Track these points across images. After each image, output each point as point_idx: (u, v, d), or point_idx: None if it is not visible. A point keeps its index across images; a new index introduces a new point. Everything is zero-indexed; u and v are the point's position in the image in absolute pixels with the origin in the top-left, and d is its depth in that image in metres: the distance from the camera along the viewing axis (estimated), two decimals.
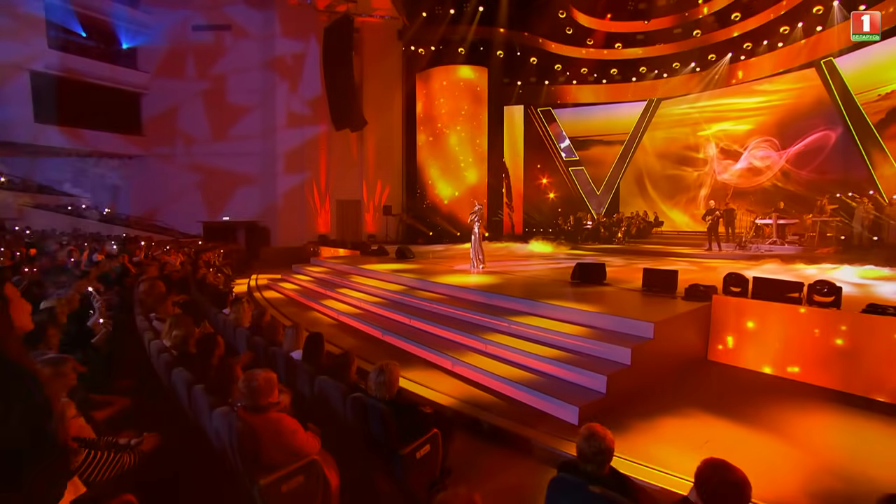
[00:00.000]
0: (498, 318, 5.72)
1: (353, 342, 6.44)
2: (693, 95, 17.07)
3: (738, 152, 16.16)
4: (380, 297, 7.95)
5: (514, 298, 6.10)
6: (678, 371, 5.00)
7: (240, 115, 18.47)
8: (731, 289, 5.50)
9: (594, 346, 4.66)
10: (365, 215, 19.19)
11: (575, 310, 5.36)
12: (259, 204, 18.90)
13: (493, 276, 8.10)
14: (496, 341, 5.27)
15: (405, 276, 8.44)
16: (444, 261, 10.91)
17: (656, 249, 13.43)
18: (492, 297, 6.43)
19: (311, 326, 7.35)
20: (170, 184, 18.31)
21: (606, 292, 6.47)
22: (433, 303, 6.83)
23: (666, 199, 18.23)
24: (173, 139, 18.33)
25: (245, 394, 2.23)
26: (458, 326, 5.88)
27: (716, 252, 12.06)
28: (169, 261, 10.54)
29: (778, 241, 12.55)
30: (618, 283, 7.03)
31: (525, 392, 4.32)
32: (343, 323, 7.55)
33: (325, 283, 9.88)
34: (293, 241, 17.93)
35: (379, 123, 18.59)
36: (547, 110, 20.28)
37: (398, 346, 6.12)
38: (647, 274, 6.38)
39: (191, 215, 18.52)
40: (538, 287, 7.10)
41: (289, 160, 18.22)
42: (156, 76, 18.00)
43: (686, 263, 10.38)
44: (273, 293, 10.58)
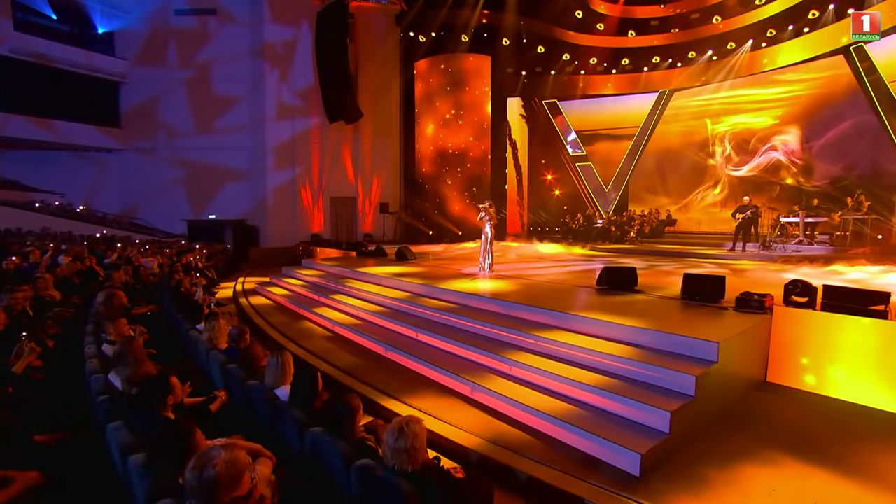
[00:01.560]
0: (522, 334, 4.98)
1: (351, 360, 5.68)
2: (710, 86, 16.42)
3: (757, 146, 15.54)
4: (380, 306, 7.19)
5: (539, 309, 5.36)
6: (741, 399, 4.29)
7: (226, 106, 17.64)
8: (794, 299, 4.79)
9: (645, 370, 3.92)
10: (360, 213, 18.43)
11: (614, 324, 4.63)
12: (247, 201, 18.13)
13: (507, 282, 7.36)
14: (522, 362, 4.53)
15: (408, 280, 7.69)
16: (448, 262, 10.17)
17: (674, 250, 12.78)
18: (511, 307, 5.69)
19: (303, 339, 6.60)
20: (151, 180, 17.45)
21: (641, 302, 5.75)
22: (443, 313, 6.07)
23: (679, 196, 17.60)
24: (154, 132, 17.46)
25: (195, 489, 1.45)
26: (475, 343, 5.13)
27: (739, 253, 11.41)
28: (145, 263, 9.74)
29: (805, 241, 11.93)
30: (650, 290, 6.31)
31: (567, 430, 3.58)
32: (339, 335, 6.78)
33: (319, 288, 9.10)
34: (284, 240, 17.18)
35: (375, 115, 17.84)
36: (553, 102, 19.61)
37: (404, 364, 5.36)
38: (689, 280, 5.66)
39: (174, 213, 17.70)
40: (562, 295, 6.37)
41: (279, 155, 17.44)
42: (135, 64, 17.09)
43: (712, 265, 9.71)
44: (260, 299, 9.79)
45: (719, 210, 16.90)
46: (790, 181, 14.79)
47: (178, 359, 3.97)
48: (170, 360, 3.96)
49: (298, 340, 6.52)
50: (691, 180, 17.25)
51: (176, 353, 4.15)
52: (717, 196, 16.81)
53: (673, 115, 17.70)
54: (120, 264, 9.04)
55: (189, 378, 3.02)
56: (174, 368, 3.71)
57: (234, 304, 9.60)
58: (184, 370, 3.30)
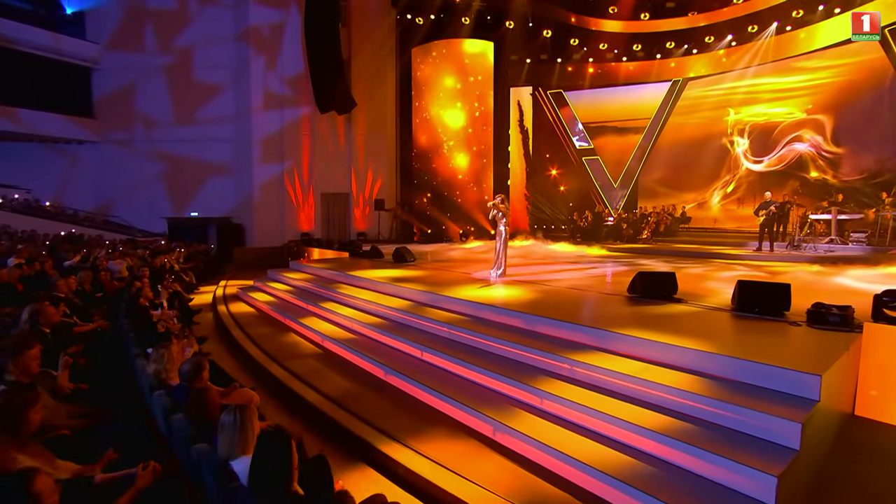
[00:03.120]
0: (552, 356, 4.15)
1: (343, 385, 4.83)
2: (729, 74, 15.67)
3: (779, 139, 14.81)
4: (377, 317, 6.34)
5: (570, 325, 4.53)
6: (835, 438, 3.48)
7: (209, 95, 16.72)
8: (889, 313, 3.98)
9: (721, 409, 3.10)
10: (354, 210, 17.58)
11: (668, 346, 3.80)
12: (232, 198, 17.26)
13: (523, 288, 6.53)
14: (556, 393, 3.70)
15: (409, 286, 6.84)
16: (452, 265, 9.32)
17: (693, 249, 12.05)
18: (535, 321, 4.85)
19: (287, 358, 5.73)
20: (128, 174, 16.50)
21: (687, 314, 4.93)
22: (452, 328, 5.23)
23: (693, 192, 16.86)
24: (131, 122, 16.50)
25: None
26: (495, 367, 4.29)
27: (768, 253, 10.66)
28: (111, 266, 8.82)
29: (837, 240, 11.21)
30: (692, 299, 5.50)
31: (625, 493, 2.75)
32: (329, 352, 5.93)
33: (307, 294, 8.24)
34: (272, 240, 16.36)
35: (370, 105, 16.97)
36: (558, 93, 18.82)
37: (408, 392, 4.52)
38: (745, 288, 4.85)
39: (153, 211, 16.77)
40: (591, 305, 5.54)
41: (266, 148, 16.59)
42: (108, 48, 16.07)
43: (743, 267, 8.93)
44: (242, 306, 8.91)
45: (737, 207, 16.22)
46: (815, 175, 14.07)
47: (118, 398, 3.11)
48: (105, 398, 3.09)
49: (281, 359, 5.66)
50: (707, 175, 16.52)
51: (117, 388, 3.28)
52: (734, 192, 16.10)
53: (687, 105, 16.97)
54: (82, 267, 8.12)
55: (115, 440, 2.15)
56: (106, 412, 2.85)
57: (213, 312, 8.71)
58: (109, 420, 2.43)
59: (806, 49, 13.95)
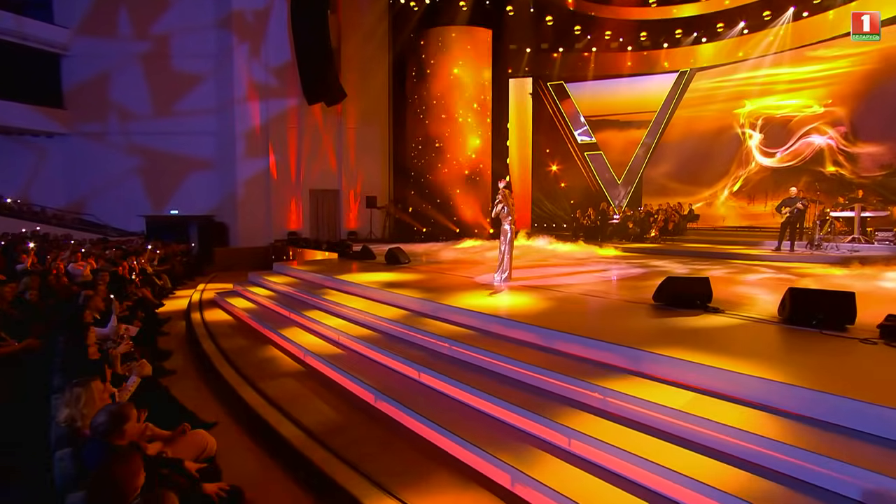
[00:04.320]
0: (578, 382, 3.47)
1: (326, 414, 4.12)
2: (741, 64, 15.10)
3: (792, 132, 14.27)
4: (367, 328, 5.64)
5: (596, 342, 3.85)
6: None
7: (189, 85, 15.92)
8: None
9: (807, 461, 2.43)
10: (345, 208, 16.85)
11: (722, 372, 3.13)
12: (215, 195, 16.50)
13: (533, 295, 5.85)
14: (587, 432, 3.02)
15: (403, 293, 6.15)
16: (450, 267, 8.64)
17: (706, 249, 11.46)
18: (554, 336, 4.17)
19: (262, 378, 4.96)
20: (102, 169, 15.65)
21: (732, 328, 4.28)
22: (454, 343, 4.54)
23: (701, 188, 16.31)
24: (105, 114, 15.64)
25: None
26: (508, 394, 3.60)
27: (788, 253, 10.08)
28: (72, 269, 8.04)
29: (861, 239, 10.65)
30: (730, 309, 4.85)
31: None
32: (312, 370, 5.22)
33: (290, 301, 7.52)
34: (257, 239, 15.62)
35: (361, 97, 16.27)
36: (559, 85, 18.19)
37: (404, 423, 3.82)
38: (798, 297, 4.19)
39: (130, 208, 15.94)
40: (614, 315, 4.88)
41: (250, 141, 15.83)
42: (78, 33, 15.16)
43: (769, 270, 8.31)
44: (219, 313, 8.16)
45: (747, 204, 15.70)
46: (831, 170, 13.53)
47: (21, 452, 2.39)
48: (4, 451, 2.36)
49: (256, 379, 4.94)
50: (717, 171, 15.98)
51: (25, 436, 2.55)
52: (742, 188, 15.57)
53: (695, 98, 16.41)
54: (36, 271, 7.33)
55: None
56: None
57: (186, 320, 7.95)
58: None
59: (822, 37, 13.38)
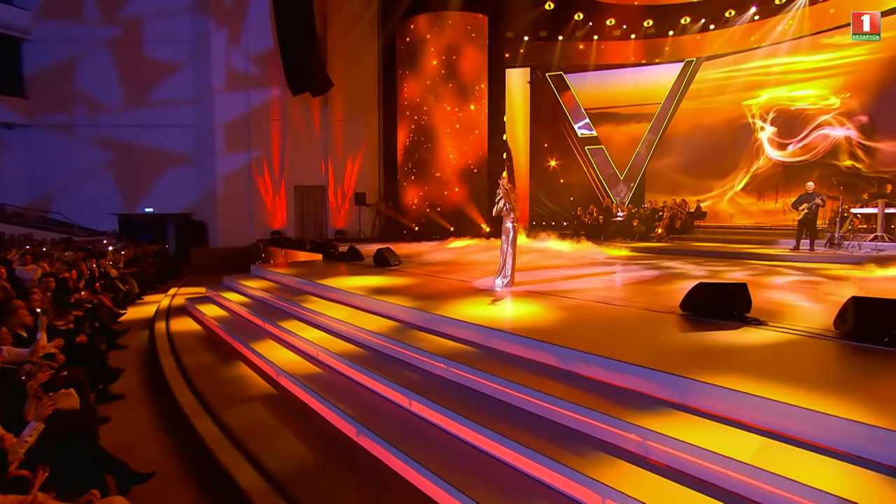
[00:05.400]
0: (608, 419, 2.81)
1: (296, 452, 3.44)
2: (752, 52, 14.58)
3: (806, 124, 13.78)
4: (351, 342, 4.96)
5: (625, 366, 3.19)
6: None
7: (163, 73, 15.23)
8: None
9: None
10: (332, 206, 16.14)
11: (801, 411, 2.48)
12: (193, 192, 15.84)
13: (541, 303, 5.19)
14: (628, 493, 2.35)
15: (393, 300, 5.47)
16: (444, 270, 7.96)
17: (718, 249, 10.93)
18: (572, 357, 3.52)
19: (224, 404, 4.16)
20: (69, 164, 14.88)
21: (784, 346, 3.64)
22: (451, 364, 3.87)
23: (708, 184, 15.80)
24: (72, 104, 14.86)
25: None
26: (519, 433, 2.93)
27: (808, 253, 9.54)
28: (20, 273, 7.25)
29: (885, 237, 10.15)
30: (772, 320, 4.22)
31: None
32: (286, 392, 4.53)
33: (266, 309, 6.81)
34: (237, 239, 14.96)
35: (348, 86, 15.55)
36: (558, 75, 17.59)
37: (393, 468, 3.14)
38: (864, 308, 3.57)
39: (101, 206, 15.13)
40: (638, 329, 4.23)
41: (231, 134, 15.19)
42: (41, 16, 14.34)
43: (794, 271, 7.72)
44: (188, 323, 7.44)
45: (757, 201, 15.21)
46: (847, 164, 13.03)
47: None
48: None
49: (218, 406, 4.23)
50: (724, 166, 15.48)
51: None
52: (753, 184, 15.08)
53: (702, 89, 15.89)
54: None
55: None
56: None
57: (150, 330, 7.20)
58: None
59: (839, 22, 12.84)
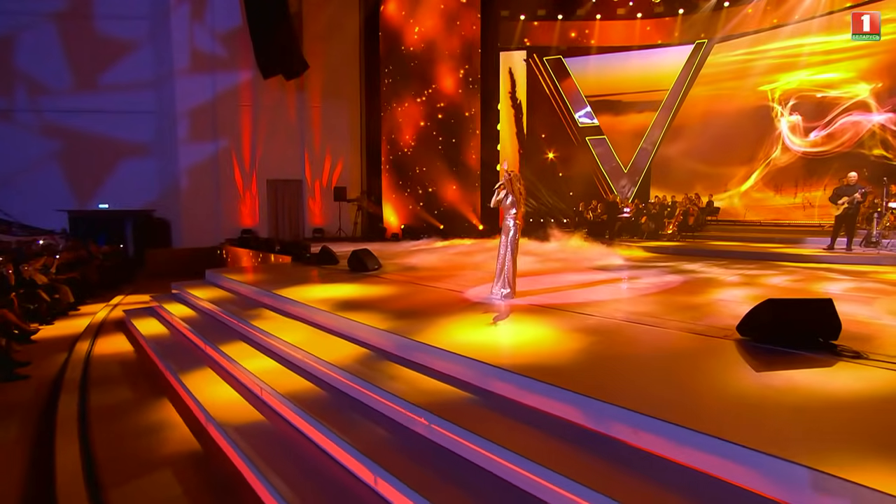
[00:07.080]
0: None
1: None
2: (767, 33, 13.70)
3: (830, 111, 12.94)
4: (305, 377, 3.88)
5: (698, 436, 2.16)
6: None
7: (117, 53, 14.04)
8: None
9: None
10: (309, 201, 15.08)
11: None
12: (154, 186, 14.75)
13: (550, 321, 4.15)
14: None
15: (364, 320, 4.40)
16: (432, 275, 6.89)
17: (739, 248, 10.08)
18: (606, 412, 2.47)
19: (131, 469, 2.90)
20: (7, 154, 13.61)
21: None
22: (434, 420, 2.80)
23: (721, 177, 14.94)
24: (10, 86, 13.61)
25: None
26: None
27: (846, 253, 8.67)
28: None
29: None
30: (868, 348, 3.23)
31: None
32: (213, 448, 3.44)
33: (212, 326, 5.72)
34: (204, 238, 13.93)
35: (327, 69, 14.49)
36: (557, 60, 16.61)
37: None
38: None
39: (48, 202, 13.86)
40: (689, 365, 3.20)
41: (195, 122, 14.14)
42: None
43: (842, 276, 6.79)
44: (119, 343, 6.32)
45: (773, 195, 14.36)
46: (876, 153, 12.20)
47: None
48: None
49: (114, 477, 3.14)
50: (738, 158, 14.62)
51: None
52: (769, 177, 14.24)
53: (713, 73, 15.00)
54: None
55: None
56: None
57: (69, 352, 6.03)
58: None
59: None
